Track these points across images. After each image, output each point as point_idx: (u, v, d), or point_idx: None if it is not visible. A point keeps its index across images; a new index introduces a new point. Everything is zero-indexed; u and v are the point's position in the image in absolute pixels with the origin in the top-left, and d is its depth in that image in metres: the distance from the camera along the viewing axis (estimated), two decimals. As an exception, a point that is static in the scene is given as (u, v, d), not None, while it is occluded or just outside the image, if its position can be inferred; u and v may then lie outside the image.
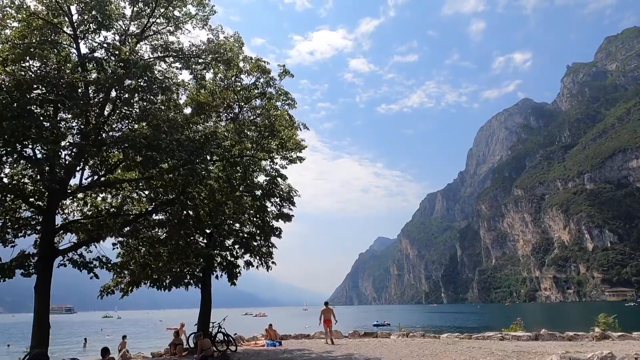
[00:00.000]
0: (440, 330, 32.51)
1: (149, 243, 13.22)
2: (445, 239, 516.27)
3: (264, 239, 17.94)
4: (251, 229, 18.25)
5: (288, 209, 18.38)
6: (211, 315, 17.40)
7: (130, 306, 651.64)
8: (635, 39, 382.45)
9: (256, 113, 16.82)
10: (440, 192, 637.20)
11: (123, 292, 14.73)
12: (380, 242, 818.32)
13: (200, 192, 13.47)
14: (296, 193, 18.20)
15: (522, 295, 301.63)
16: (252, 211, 17.36)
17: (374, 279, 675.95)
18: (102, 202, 13.52)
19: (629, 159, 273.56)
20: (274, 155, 16.60)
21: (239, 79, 16.44)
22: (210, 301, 17.25)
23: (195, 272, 16.46)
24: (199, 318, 16.89)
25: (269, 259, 18.16)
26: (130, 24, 11.93)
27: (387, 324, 63.91)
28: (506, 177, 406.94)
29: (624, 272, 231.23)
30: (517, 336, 16.43)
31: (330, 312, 18.95)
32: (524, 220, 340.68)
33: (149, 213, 13.34)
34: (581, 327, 19.84)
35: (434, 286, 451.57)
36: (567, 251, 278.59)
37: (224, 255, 17.62)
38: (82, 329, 75.61)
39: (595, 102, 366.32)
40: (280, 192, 18.07)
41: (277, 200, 18.12)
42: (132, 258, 14.04)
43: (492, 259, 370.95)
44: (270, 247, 18.29)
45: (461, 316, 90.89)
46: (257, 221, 17.74)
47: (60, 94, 9.25)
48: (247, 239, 17.77)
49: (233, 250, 17.72)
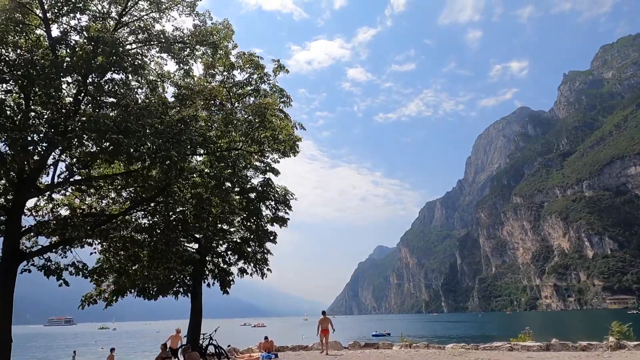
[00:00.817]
0: (445, 340, 31.11)
1: (123, 245, 12.08)
2: (445, 248, 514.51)
3: (258, 244, 16.96)
4: (244, 234, 17.25)
5: (284, 212, 17.41)
6: (202, 326, 16.39)
7: (129, 317, 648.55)
8: (631, 48, 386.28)
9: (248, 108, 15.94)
10: (440, 200, 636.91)
11: (107, 302, 13.60)
12: (380, 251, 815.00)
13: (183, 188, 12.40)
14: (292, 196, 17.32)
15: (522, 303, 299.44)
16: (244, 214, 16.31)
17: (373, 288, 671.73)
18: (80, 203, 12.36)
19: (627, 166, 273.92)
20: (265, 147, 15.27)
21: (232, 76, 15.57)
22: (200, 311, 16.15)
23: (185, 279, 15.48)
24: (188, 329, 15.83)
25: (264, 266, 17.06)
26: (110, 7, 10.88)
27: (387, 334, 62.41)
28: (505, 185, 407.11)
29: (625, 280, 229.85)
30: (527, 346, 15.43)
31: (328, 322, 18.16)
32: (524, 228, 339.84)
33: (125, 212, 12.22)
34: (592, 336, 18.81)
35: (434, 295, 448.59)
36: (567, 259, 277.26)
37: (216, 262, 16.65)
38: (75, 341, 73.81)
39: (592, 110, 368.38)
40: (275, 194, 17.14)
41: (272, 203, 17.19)
42: (109, 264, 12.74)
43: (492, 267, 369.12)
44: (266, 253, 17.26)
45: (463, 325, 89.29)
46: (250, 225, 16.77)
47: (28, 79, 8.36)
48: (240, 245, 16.81)
49: (225, 256, 16.79)
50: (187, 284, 15.83)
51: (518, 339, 16.56)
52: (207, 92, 13.64)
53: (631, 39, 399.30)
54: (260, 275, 16.86)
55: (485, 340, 33.19)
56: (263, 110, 14.20)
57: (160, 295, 14.62)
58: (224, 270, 16.72)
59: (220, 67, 15.11)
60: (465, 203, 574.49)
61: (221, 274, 16.58)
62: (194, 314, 15.92)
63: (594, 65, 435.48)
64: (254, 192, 17.08)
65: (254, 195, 16.99)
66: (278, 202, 17.18)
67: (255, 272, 16.86)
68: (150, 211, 12.80)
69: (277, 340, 26.52)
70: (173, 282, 15.02)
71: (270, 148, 15.30)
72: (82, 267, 11.06)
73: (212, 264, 16.78)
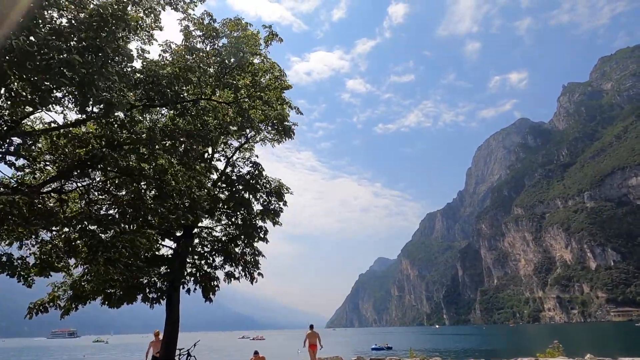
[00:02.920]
0: (459, 355, 29.52)
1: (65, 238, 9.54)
2: (446, 259, 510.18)
3: (246, 243, 14.76)
4: (229, 230, 15.01)
5: (276, 205, 15.15)
6: (195, 340, 14.97)
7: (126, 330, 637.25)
8: (629, 59, 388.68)
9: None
10: (440, 211, 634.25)
11: (63, 311, 11.28)
12: (381, 263, 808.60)
13: (130, 145, 9.35)
14: (288, 190, 15.20)
15: (525, 316, 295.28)
16: (230, 205, 14.10)
17: (374, 301, 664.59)
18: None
19: (629, 177, 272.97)
20: (242, 95, 12.01)
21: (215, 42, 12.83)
22: (177, 322, 13.62)
23: (157, 283, 13.08)
24: (162, 344, 13.34)
25: (254, 270, 14.84)
26: None
27: (388, 347, 60.57)
28: (506, 196, 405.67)
29: (629, 292, 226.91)
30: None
31: (316, 337, 16.85)
32: (525, 239, 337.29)
33: (47, 183, 9.20)
34: (626, 350, 17.68)
35: (435, 307, 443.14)
36: (570, 270, 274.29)
37: (198, 264, 14.40)
38: (64, 355, 71.91)
39: (592, 121, 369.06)
40: (265, 183, 14.91)
41: (263, 195, 14.94)
42: (41, 257, 9.49)
43: (494, 279, 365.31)
44: (257, 254, 15.07)
45: (469, 338, 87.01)
46: (236, 219, 14.52)
47: None
48: (226, 244, 14.64)
49: (209, 258, 14.59)
50: (161, 289, 13.26)
51: (546, 354, 14.72)
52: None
53: (629, 51, 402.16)
54: (250, 280, 14.59)
55: (499, 355, 31.70)
56: (239, 46, 11.38)
57: (124, 302, 12.27)
58: (207, 274, 14.40)
59: (198, 32, 12.17)
60: (466, 214, 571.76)
61: (204, 278, 14.22)
62: (169, 325, 13.30)
63: (592, 77, 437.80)
64: (241, 182, 14.81)
65: (241, 187, 14.78)
66: (270, 194, 14.93)
67: (245, 276, 14.67)
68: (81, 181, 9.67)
69: (274, 356, 25.17)
70: (140, 286, 12.59)
71: (247, 94, 12.26)
72: (11, 262, 8.13)
73: (194, 266, 14.49)
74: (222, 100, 11.72)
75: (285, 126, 14.12)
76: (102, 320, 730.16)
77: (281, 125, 14.04)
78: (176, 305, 13.35)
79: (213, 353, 60.77)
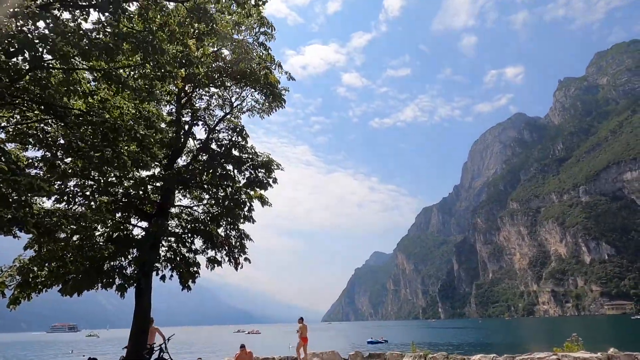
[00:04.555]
0: (466, 350, 28.54)
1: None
2: (442, 253, 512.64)
3: (230, 223, 13.03)
4: (211, 209, 13.29)
5: (264, 178, 13.12)
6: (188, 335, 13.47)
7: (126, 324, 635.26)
8: (625, 54, 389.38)
9: None
10: (436, 206, 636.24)
11: (10, 300, 9.81)
12: (377, 257, 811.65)
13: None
14: (278, 167, 13.25)
15: (520, 309, 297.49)
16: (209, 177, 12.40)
17: (370, 295, 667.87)
18: None
19: (623, 171, 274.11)
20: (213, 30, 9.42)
21: None
22: (147, 313, 11.80)
23: (124, 268, 11.42)
24: (130, 338, 11.72)
25: (240, 254, 13.12)
26: None
27: (384, 340, 59.95)
28: (501, 190, 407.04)
29: (622, 285, 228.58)
30: (580, 358, 12.20)
31: (307, 329, 15.78)
32: (520, 233, 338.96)
33: None
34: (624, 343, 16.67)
35: (431, 301, 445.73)
36: (564, 264, 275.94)
37: (175, 248, 12.71)
38: (51, 350, 70.53)
39: (588, 116, 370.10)
40: (252, 155, 13.10)
41: (249, 168, 13.01)
42: None
43: (489, 272, 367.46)
44: (243, 238, 13.28)
45: (466, 332, 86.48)
46: (216, 194, 12.79)
47: None
48: (206, 223, 12.96)
49: (187, 240, 12.86)
50: (127, 274, 11.41)
51: (565, 348, 13.28)
52: None
53: (625, 46, 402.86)
54: (235, 265, 12.89)
55: (503, 349, 30.69)
56: None
57: (81, 289, 10.20)
58: (185, 258, 12.65)
59: None
60: (462, 209, 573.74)
61: (182, 263, 12.43)
62: (138, 317, 11.52)
63: (588, 72, 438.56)
64: (222, 151, 12.94)
65: (222, 158, 12.89)
66: (256, 167, 12.96)
67: (229, 261, 12.88)
68: None
69: (269, 349, 24.05)
70: (102, 270, 10.65)
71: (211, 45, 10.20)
72: None
73: (171, 250, 12.66)
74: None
75: (274, 90, 12.38)
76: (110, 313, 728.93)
77: (269, 85, 12.17)
78: (146, 294, 11.66)
79: (203, 347, 59.80)
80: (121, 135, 8.22)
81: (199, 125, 13.19)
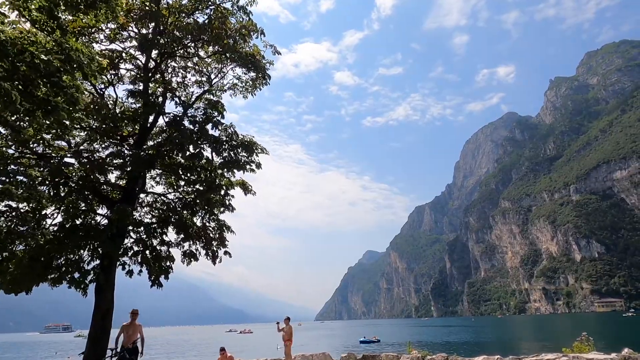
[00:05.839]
0: (466, 350, 27.65)
1: None
2: (434, 252, 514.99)
3: (208, 212, 11.47)
4: (186, 197, 11.80)
5: (245, 158, 11.47)
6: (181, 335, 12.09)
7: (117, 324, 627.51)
8: (615, 54, 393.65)
9: None
10: (429, 205, 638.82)
11: None
12: (370, 256, 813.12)
13: None
14: (263, 151, 11.60)
15: (511, 307, 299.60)
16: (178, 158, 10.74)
17: (363, 293, 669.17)
18: None
19: (613, 170, 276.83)
20: None
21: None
22: (109, 312, 10.26)
23: (81, 261, 9.91)
24: (88, 340, 9.92)
25: (219, 247, 11.74)
26: None
27: (376, 340, 59.24)
28: (493, 189, 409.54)
29: (612, 283, 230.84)
30: (594, 359, 11.29)
31: (292, 330, 14.87)
32: (512, 232, 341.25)
33: None
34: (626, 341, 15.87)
35: (423, 300, 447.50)
36: (556, 262, 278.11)
37: (145, 240, 11.03)
38: (32, 352, 68.42)
39: (578, 115, 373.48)
40: (232, 135, 11.35)
41: (227, 148, 11.29)
42: None
43: (481, 271, 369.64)
44: (223, 230, 11.79)
45: (460, 330, 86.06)
46: (187, 176, 11.12)
47: None
48: (179, 212, 11.34)
49: (157, 230, 11.19)
50: (84, 269, 9.87)
51: (574, 348, 12.38)
52: None
53: (615, 46, 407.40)
54: (212, 259, 11.44)
55: (504, 347, 29.81)
56: None
57: (23, 285, 8.82)
58: (157, 251, 11.13)
59: None
60: (454, 207, 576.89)
61: (152, 257, 10.95)
62: (98, 317, 9.84)
63: (579, 72, 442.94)
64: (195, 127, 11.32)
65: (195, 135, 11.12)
66: (235, 147, 11.23)
67: (206, 254, 11.47)
68: None
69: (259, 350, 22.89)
70: (50, 264, 9.24)
71: None
72: None
73: (140, 242, 11.05)
74: None
75: (256, 62, 10.88)
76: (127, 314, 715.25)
77: (250, 57, 10.68)
78: (108, 291, 10.05)
79: (190, 347, 58.59)
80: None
81: (174, 103, 11.42)
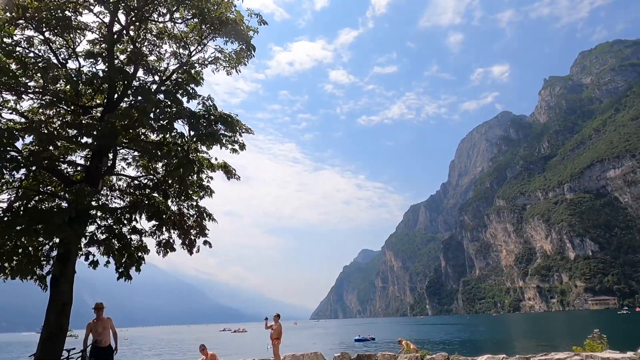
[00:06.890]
0: (459, 348, 26.91)
1: None
2: (429, 251, 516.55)
3: (182, 194, 10.21)
4: (152, 174, 10.61)
5: (224, 132, 10.04)
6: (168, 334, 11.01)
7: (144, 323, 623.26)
8: (608, 54, 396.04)
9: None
10: (424, 203, 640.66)
11: None
12: (365, 255, 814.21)
13: None
14: (248, 130, 10.23)
15: (506, 305, 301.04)
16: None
17: (358, 292, 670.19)
18: None
19: (607, 169, 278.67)
20: None
21: None
22: (65, 308, 8.83)
23: (34, 251, 8.85)
24: (40, 339, 8.65)
25: (198, 236, 10.48)
26: None
27: (371, 338, 58.58)
28: (488, 188, 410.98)
29: (606, 281, 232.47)
30: (610, 358, 10.53)
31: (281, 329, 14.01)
32: (507, 230, 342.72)
33: None
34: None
35: (418, 298, 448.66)
36: (550, 260, 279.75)
37: (112, 227, 9.88)
38: (11, 354, 66.36)
39: (572, 115, 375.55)
40: (210, 108, 9.95)
41: (203, 122, 9.76)
42: None
43: (476, 269, 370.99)
44: (203, 217, 10.55)
45: (455, 328, 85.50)
46: (156, 150, 9.69)
47: None
48: (148, 194, 10.17)
49: (125, 215, 9.95)
50: (35, 259, 8.76)
51: (585, 347, 11.61)
52: None
53: (609, 46, 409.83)
54: (189, 249, 10.22)
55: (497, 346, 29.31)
56: None
57: None
58: (125, 240, 9.96)
59: None
60: (449, 206, 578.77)
61: (120, 246, 9.80)
62: (53, 313, 8.61)
63: (573, 71, 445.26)
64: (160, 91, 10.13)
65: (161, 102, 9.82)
66: (213, 121, 9.87)
67: (182, 244, 10.24)
68: None
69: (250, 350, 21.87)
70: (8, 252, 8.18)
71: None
72: None
73: (107, 230, 9.82)
74: None
75: (237, 30, 9.66)
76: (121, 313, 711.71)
77: (231, 23, 9.44)
78: (65, 284, 8.76)
79: (177, 347, 57.51)
80: None
81: (147, 74, 10.34)
